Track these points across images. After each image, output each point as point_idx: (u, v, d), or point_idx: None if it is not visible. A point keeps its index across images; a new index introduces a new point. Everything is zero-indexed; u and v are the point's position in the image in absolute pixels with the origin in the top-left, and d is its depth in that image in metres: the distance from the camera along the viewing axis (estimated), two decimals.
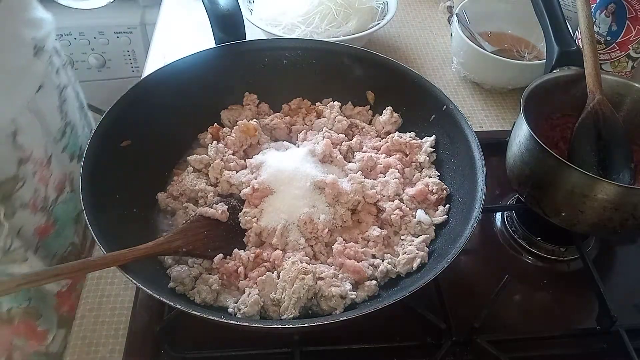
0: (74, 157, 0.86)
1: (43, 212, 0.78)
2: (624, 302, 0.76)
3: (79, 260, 0.58)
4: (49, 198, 0.79)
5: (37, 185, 0.77)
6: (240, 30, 0.86)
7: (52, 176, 0.79)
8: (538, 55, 1.05)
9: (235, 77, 0.87)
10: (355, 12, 1.08)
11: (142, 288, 0.56)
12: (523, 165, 0.76)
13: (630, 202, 0.67)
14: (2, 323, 0.77)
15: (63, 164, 0.83)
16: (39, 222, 0.78)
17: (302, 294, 0.63)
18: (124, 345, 0.69)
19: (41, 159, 0.76)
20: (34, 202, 0.76)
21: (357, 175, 0.77)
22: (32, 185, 0.76)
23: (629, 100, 0.81)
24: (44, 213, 0.78)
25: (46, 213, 0.79)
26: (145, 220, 0.74)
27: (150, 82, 0.80)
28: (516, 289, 0.79)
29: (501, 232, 0.87)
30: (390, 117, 0.86)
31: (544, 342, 0.73)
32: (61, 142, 0.83)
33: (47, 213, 0.79)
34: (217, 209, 0.72)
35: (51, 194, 0.79)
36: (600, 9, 0.93)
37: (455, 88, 1.11)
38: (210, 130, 0.84)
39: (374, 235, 0.72)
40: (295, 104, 0.90)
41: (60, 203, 0.81)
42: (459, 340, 0.69)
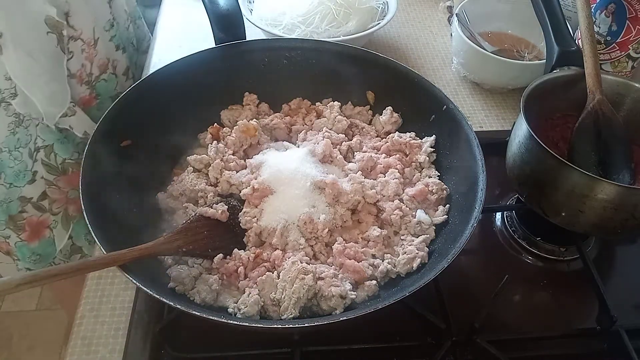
0: (119, 48, 1.02)
1: (87, 85, 0.94)
2: (624, 302, 0.76)
3: (79, 260, 0.59)
4: (93, 74, 0.94)
5: (84, 61, 0.91)
6: (240, 30, 0.86)
7: (97, 56, 0.94)
8: (538, 55, 1.05)
9: (235, 77, 0.87)
10: (355, 12, 1.08)
11: (142, 288, 0.56)
12: (523, 165, 0.76)
13: (630, 202, 0.67)
14: (59, 174, 0.92)
15: (109, 50, 0.98)
16: (83, 93, 0.93)
17: (302, 294, 0.64)
18: (124, 345, 0.69)
19: (89, 40, 0.91)
20: (80, 74, 0.91)
21: (357, 175, 0.77)
22: (80, 60, 0.91)
23: (629, 100, 0.81)
24: (88, 86, 0.94)
25: (90, 87, 0.94)
26: (145, 220, 0.74)
27: (151, 82, 0.80)
28: (516, 289, 0.79)
29: (501, 232, 0.87)
30: (390, 117, 0.86)
31: (544, 342, 0.73)
32: (109, 32, 0.97)
33: (90, 87, 0.94)
34: (217, 209, 0.72)
35: (95, 71, 0.94)
36: (600, 9, 0.93)
37: (455, 88, 1.11)
38: (210, 130, 0.84)
39: (374, 235, 0.72)
40: (295, 104, 0.90)
41: (102, 80, 0.96)
42: (459, 340, 0.69)
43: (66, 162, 0.93)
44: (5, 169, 0.86)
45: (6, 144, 0.85)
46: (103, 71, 0.96)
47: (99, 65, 0.94)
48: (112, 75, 0.98)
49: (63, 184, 0.93)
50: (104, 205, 0.66)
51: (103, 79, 0.96)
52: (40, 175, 0.90)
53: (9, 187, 0.87)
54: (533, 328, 0.74)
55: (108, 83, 0.97)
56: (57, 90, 0.85)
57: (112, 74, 0.98)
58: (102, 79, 0.96)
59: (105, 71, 0.96)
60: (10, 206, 0.89)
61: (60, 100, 0.86)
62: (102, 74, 0.96)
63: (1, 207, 0.89)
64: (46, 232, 0.93)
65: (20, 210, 0.90)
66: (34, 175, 0.89)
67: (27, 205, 0.90)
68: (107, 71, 0.96)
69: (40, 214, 0.91)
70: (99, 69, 0.94)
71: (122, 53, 1.02)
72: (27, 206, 0.90)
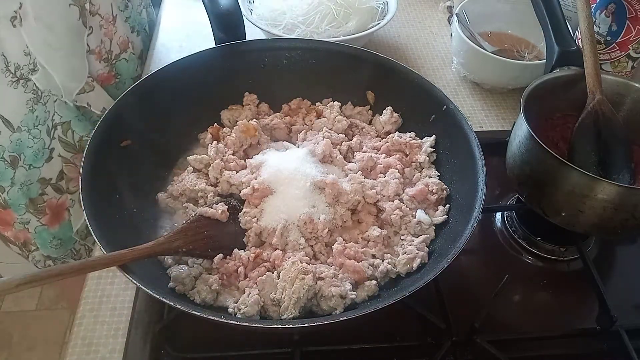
0: (134, 30, 1.00)
1: (106, 63, 0.92)
2: (624, 302, 0.76)
3: (79, 260, 0.59)
4: (113, 52, 0.93)
5: (103, 38, 0.90)
6: (240, 30, 0.86)
7: (116, 33, 0.92)
8: (538, 55, 1.05)
9: (235, 77, 0.87)
10: (355, 12, 1.08)
11: (142, 288, 0.56)
12: (523, 165, 0.76)
13: (630, 202, 0.67)
14: (76, 151, 0.91)
15: (125, 31, 0.96)
16: (102, 70, 0.92)
17: (302, 294, 0.63)
18: (124, 345, 0.70)
19: (107, 16, 0.89)
20: (99, 51, 0.90)
21: (357, 175, 0.77)
22: (99, 36, 0.89)
23: (629, 100, 0.81)
24: (107, 64, 0.92)
25: (109, 64, 0.93)
26: (145, 220, 0.74)
27: (151, 82, 0.80)
28: (516, 289, 0.79)
29: (501, 232, 0.87)
30: (390, 117, 0.86)
31: (544, 342, 0.73)
32: (124, 12, 0.96)
33: (110, 64, 0.93)
34: (217, 209, 0.72)
35: (115, 49, 0.93)
36: (600, 9, 0.93)
37: (455, 88, 1.11)
38: (210, 130, 0.84)
39: (374, 235, 0.72)
40: (295, 104, 0.90)
41: (122, 59, 0.95)
42: (459, 340, 0.69)
43: (84, 139, 0.92)
44: (24, 149, 0.84)
45: (25, 122, 0.82)
46: (124, 50, 0.95)
47: (120, 43, 0.93)
48: (132, 55, 0.98)
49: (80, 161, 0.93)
50: (104, 205, 0.66)
51: (124, 59, 0.95)
52: (58, 153, 0.88)
53: (28, 168, 0.85)
54: (533, 328, 0.74)
55: (129, 63, 0.97)
56: (76, 65, 0.85)
57: (132, 54, 0.98)
58: (123, 58, 0.95)
59: (126, 50, 0.95)
60: (31, 188, 0.87)
61: (79, 75, 0.85)
62: (123, 53, 0.95)
63: (22, 190, 0.86)
64: (65, 214, 0.92)
65: (40, 192, 0.88)
66: (51, 152, 0.88)
67: (47, 188, 0.88)
68: (127, 50, 0.96)
69: (59, 195, 0.90)
70: (120, 47, 0.93)
71: (137, 36, 1.01)
72: (47, 188, 0.88)
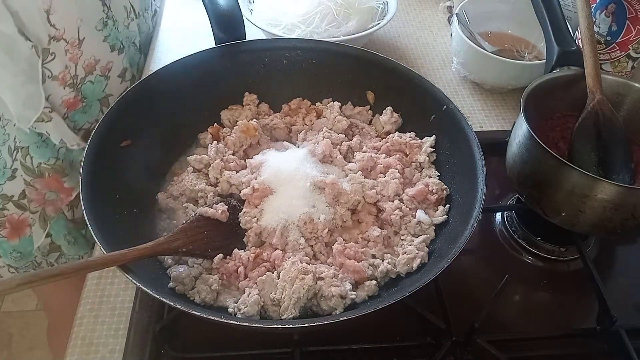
0: (114, 48, 0.94)
1: (71, 88, 0.87)
2: (624, 302, 0.76)
3: (79, 260, 0.59)
4: (78, 76, 0.88)
5: (68, 63, 0.85)
6: (240, 30, 0.86)
7: (81, 57, 0.87)
8: (538, 55, 1.05)
9: (235, 77, 0.87)
10: (355, 12, 1.08)
11: (142, 288, 0.56)
12: (523, 165, 0.76)
13: (630, 202, 0.67)
14: (35, 176, 0.88)
15: (101, 51, 0.91)
16: (67, 96, 0.87)
17: (302, 294, 0.64)
18: (124, 345, 0.69)
19: (73, 40, 0.84)
20: (63, 77, 0.85)
21: (357, 175, 0.77)
22: (63, 61, 0.84)
23: (629, 100, 0.81)
24: (72, 89, 0.87)
25: (74, 89, 0.88)
26: (145, 220, 0.74)
27: (150, 82, 0.80)
28: (516, 289, 0.79)
29: (501, 232, 0.87)
30: (390, 117, 0.86)
31: (544, 342, 0.73)
32: (102, 32, 0.90)
33: (75, 89, 0.88)
34: (217, 209, 0.72)
35: (80, 72, 0.88)
36: (600, 9, 0.93)
37: (455, 88, 1.11)
38: (210, 130, 0.84)
39: (374, 235, 0.72)
40: (295, 104, 0.90)
41: (88, 82, 0.90)
42: (459, 340, 0.69)
43: (42, 166, 0.88)
44: None
45: None
46: (89, 72, 0.89)
47: (85, 67, 0.88)
48: (99, 77, 0.92)
49: (40, 186, 0.90)
50: (103, 206, 0.66)
51: (89, 81, 0.90)
52: (20, 173, 0.87)
53: None
54: (533, 328, 0.75)
55: (95, 85, 0.91)
56: (32, 93, 0.80)
57: (100, 76, 0.92)
58: (89, 80, 0.90)
59: (92, 72, 0.90)
60: None
61: (34, 103, 0.81)
62: (88, 76, 0.89)
63: None
64: (27, 230, 0.91)
65: (1, 207, 0.88)
66: (13, 172, 0.86)
67: (8, 204, 0.88)
68: (93, 72, 0.90)
69: (20, 212, 0.89)
70: (85, 70, 0.88)
71: (119, 54, 0.96)
72: (9, 204, 0.88)
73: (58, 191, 0.92)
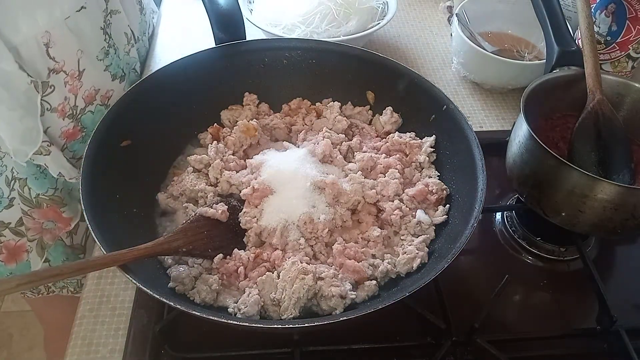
0: (116, 77, 0.92)
1: (71, 119, 0.86)
2: (624, 302, 0.76)
3: (79, 260, 0.59)
4: (78, 107, 0.86)
5: (68, 94, 0.83)
6: (240, 30, 0.86)
7: (82, 87, 0.85)
8: (538, 55, 1.05)
9: (235, 77, 0.87)
10: (355, 12, 1.08)
11: (142, 288, 0.56)
12: (523, 165, 0.76)
13: (630, 202, 0.67)
14: (33, 206, 0.87)
15: (102, 80, 0.89)
16: (66, 127, 0.86)
17: (302, 294, 0.64)
18: (124, 345, 0.69)
19: (73, 72, 0.83)
20: (62, 108, 0.83)
21: (357, 175, 0.77)
22: (63, 93, 0.82)
23: (629, 100, 0.81)
24: (72, 119, 0.86)
25: (74, 120, 0.86)
26: (145, 220, 0.74)
27: (151, 82, 0.80)
28: (516, 289, 0.79)
29: (501, 232, 0.87)
30: (390, 117, 0.86)
31: (544, 342, 0.73)
32: (103, 61, 0.88)
33: (75, 120, 0.87)
34: (217, 209, 0.72)
35: (80, 103, 0.86)
36: (600, 9, 0.93)
37: (455, 88, 1.11)
38: (210, 130, 0.84)
39: (374, 235, 0.72)
40: (295, 104, 0.90)
41: (88, 112, 0.88)
42: (459, 340, 0.69)
43: (40, 197, 0.87)
44: None
45: None
46: (89, 102, 0.87)
47: (85, 97, 0.86)
48: (100, 106, 0.89)
49: (38, 216, 0.88)
50: (104, 205, 0.66)
51: (89, 111, 0.88)
52: (17, 202, 0.86)
53: None
54: (533, 328, 0.74)
55: (95, 115, 0.89)
56: (30, 127, 0.78)
57: (100, 105, 0.89)
58: (89, 111, 0.88)
59: (92, 102, 0.88)
60: None
61: (32, 138, 0.79)
62: (88, 106, 0.87)
63: None
64: (23, 255, 0.90)
65: None
66: (11, 201, 0.85)
67: (4, 230, 0.87)
68: (93, 102, 0.88)
69: (18, 238, 0.88)
70: (85, 100, 0.86)
71: (120, 82, 0.93)
72: (5, 231, 0.87)
73: (56, 221, 0.91)
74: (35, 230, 0.89)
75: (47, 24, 0.76)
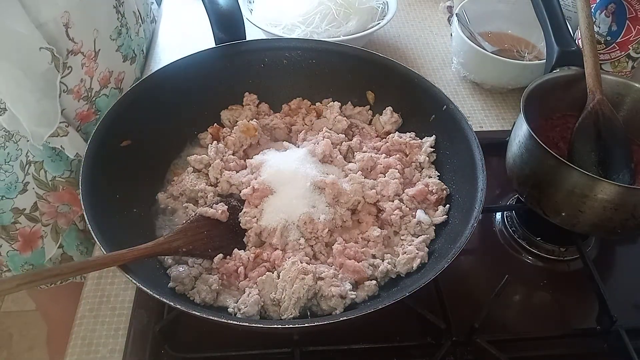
0: (127, 58, 0.93)
1: (85, 101, 0.86)
2: (624, 302, 0.76)
3: (80, 260, 0.59)
4: (93, 89, 0.87)
5: (84, 76, 0.84)
6: (240, 30, 0.86)
7: (97, 69, 0.86)
8: (538, 55, 1.05)
9: (235, 77, 0.87)
10: (355, 12, 1.08)
11: (142, 288, 0.56)
12: (523, 165, 0.76)
13: (630, 202, 0.67)
14: (49, 190, 0.88)
15: (114, 62, 0.90)
16: (81, 108, 0.86)
17: (302, 294, 0.64)
18: (124, 345, 0.70)
19: (89, 52, 0.83)
20: (78, 90, 0.84)
21: (357, 175, 0.77)
22: (79, 75, 0.83)
23: (629, 100, 0.81)
24: (87, 102, 0.87)
25: (89, 102, 0.87)
26: (145, 220, 0.74)
27: (151, 82, 0.80)
28: (516, 289, 0.79)
29: (501, 232, 0.87)
30: (390, 117, 0.86)
31: (544, 342, 0.73)
32: (116, 41, 0.89)
33: (89, 102, 0.87)
34: (217, 209, 0.72)
35: (95, 86, 0.87)
36: (600, 9, 0.93)
37: (455, 88, 1.11)
38: (210, 130, 0.84)
39: (374, 235, 0.72)
40: (295, 104, 0.90)
41: (102, 95, 0.89)
42: (459, 340, 0.69)
43: (57, 179, 0.88)
44: None
45: None
46: (104, 85, 0.89)
47: (100, 79, 0.87)
48: (114, 90, 0.91)
49: (53, 200, 0.89)
50: (104, 206, 0.66)
51: (104, 94, 0.89)
52: (32, 186, 0.86)
53: (0, 199, 0.84)
54: (533, 328, 0.75)
55: (109, 99, 0.90)
56: (48, 109, 0.79)
57: (114, 89, 0.91)
58: (103, 94, 0.89)
59: (107, 85, 0.89)
60: (3, 217, 0.86)
61: (50, 119, 0.80)
62: (103, 89, 0.89)
63: None
64: (39, 242, 0.91)
65: (13, 221, 0.87)
66: (25, 186, 0.86)
67: (20, 217, 0.87)
68: (108, 85, 0.89)
69: (33, 224, 0.89)
70: (100, 83, 0.88)
71: (131, 64, 0.94)
72: (20, 217, 0.87)
73: (71, 203, 0.91)
74: (50, 214, 0.90)
75: (66, 4, 0.76)
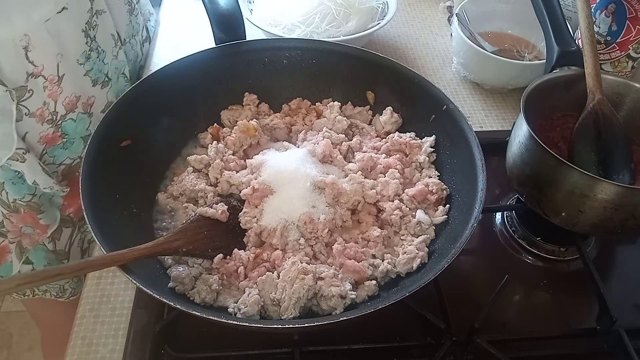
0: (97, 82, 0.88)
1: (50, 124, 0.83)
2: (624, 302, 0.76)
3: (79, 260, 0.59)
4: (58, 113, 0.83)
5: (47, 99, 0.80)
6: (240, 30, 0.86)
7: (62, 93, 0.82)
8: (538, 55, 1.05)
9: (235, 77, 0.87)
10: (355, 12, 1.08)
11: (142, 288, 0.56)
12: (523, 165, 0.76)
13: (630, 202, 0.67)
14: (10, 211, 0.85)
15: (82, 86, 0.86)
16: (45, 132, 0.83)
17: (302, 294, 0.64)
18: (124, 345, 0.69)
19: (52, 77, 0.80)
20: (41, 113, 0.80)
21: (357, 175, 0.77)
22: (42, 97, 0.80)
23: (629, 100, 0.81)
24: (52, 125, 0.83)
25: (54, 125, 0.83)
26: (145, 220, 0.74)
27: (151, 82, 0.80)
28: (516, 289, 0.79)
29: (501, 232, 0.87)
30: (390, 117, 0.86)
31: (544, 342, 0.73)
32: (84, 65, 0.85)
33: (55, 125, 0.83)
34: (217, 209, 0.72)
35: (60, 109, 0.83)
36: (600, 9, 0.93)
37: (455, 88, 1.11)
38: (210, 130, 0.84)
39: (374, 235, 0.72)
40: (295, 104, 0.90)
41: (69, 120, 0.85)
42: (459, 340, 0.69)
43: (17, 202, 0.84)
44: None
45: None
46: (71, 110, 0.84)
47: (65, 104, 0.83)
48: (82, 114, 0.86)
49: (16, 221, 0.86)
50: (104, 205, 0.66)
51: (71, 119, 0.84)
52: None
53: None
54: (533, 328, 0.74)
55: (77, 123, 0.85)
56: (5, 133, 0.75)
57: (82, 113, 0.86)
58: (70, 118, 0.84)
59: (74, 110, 0.84)
60: None
61: (7, 143, 0.76)
62: (70, 113, 0.84)
63: None
64: (7, 256, 0.88)
65: None
66: None
67: None
68: (75, 110, 0.85)
69: (2, 239, 0.86)
70: (65, 108, 0.83)
71: (102, 88, 0.89)
72: None
73: (34, 226, 0.88)
74: (15, 233, 0.87)
75: (26, 27, 0.73)
